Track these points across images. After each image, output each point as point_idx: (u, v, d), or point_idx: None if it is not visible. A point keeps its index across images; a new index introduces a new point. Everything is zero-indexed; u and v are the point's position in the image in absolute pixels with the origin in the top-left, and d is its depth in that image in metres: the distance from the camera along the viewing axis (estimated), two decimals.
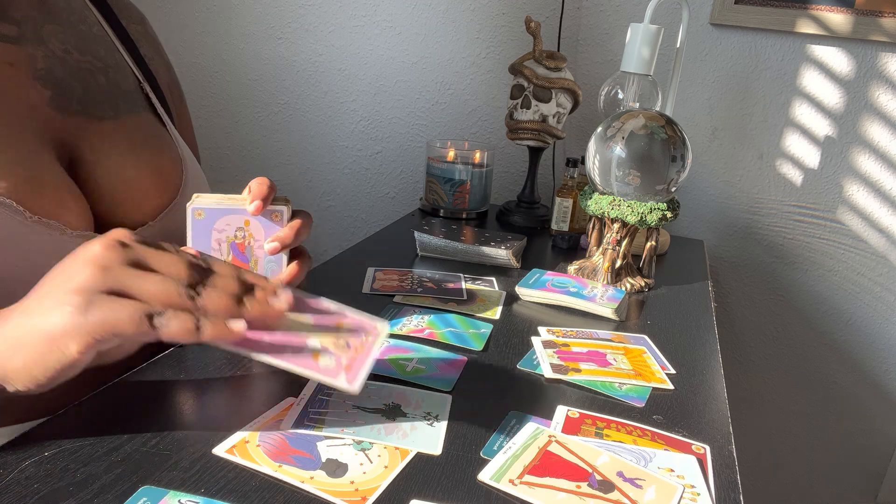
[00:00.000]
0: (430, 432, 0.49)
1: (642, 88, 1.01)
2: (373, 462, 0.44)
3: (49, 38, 0.58)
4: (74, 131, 0.58)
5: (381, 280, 0.81)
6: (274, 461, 0.43)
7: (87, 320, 0.38)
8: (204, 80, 1.50)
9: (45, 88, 0.56)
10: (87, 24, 0.64)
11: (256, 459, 0.43)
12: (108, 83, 0.63)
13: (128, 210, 0.61)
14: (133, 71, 0.68)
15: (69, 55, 0.59)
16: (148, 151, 0.64)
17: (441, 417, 0.51)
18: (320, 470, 0.43)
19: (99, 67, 0.62)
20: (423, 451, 0.46)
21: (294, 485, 0.41)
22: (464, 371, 0.59)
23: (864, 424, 1.28)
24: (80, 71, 0.60)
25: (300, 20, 1.40)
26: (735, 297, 1.29)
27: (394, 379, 0.56)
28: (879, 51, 1.10)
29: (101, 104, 0.61)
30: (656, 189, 0.83)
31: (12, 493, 0.38)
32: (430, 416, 0.51)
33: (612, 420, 0.53)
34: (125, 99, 0.65)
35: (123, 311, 0.38)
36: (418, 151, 1.41)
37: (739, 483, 0.47)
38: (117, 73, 0.65)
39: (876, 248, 1.19)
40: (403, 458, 0.45)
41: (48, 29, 0.58)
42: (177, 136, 0.70)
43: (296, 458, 0.44)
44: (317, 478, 0.42)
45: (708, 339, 0.75)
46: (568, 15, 1.24)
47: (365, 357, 0.46)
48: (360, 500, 0.41)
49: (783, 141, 1.19)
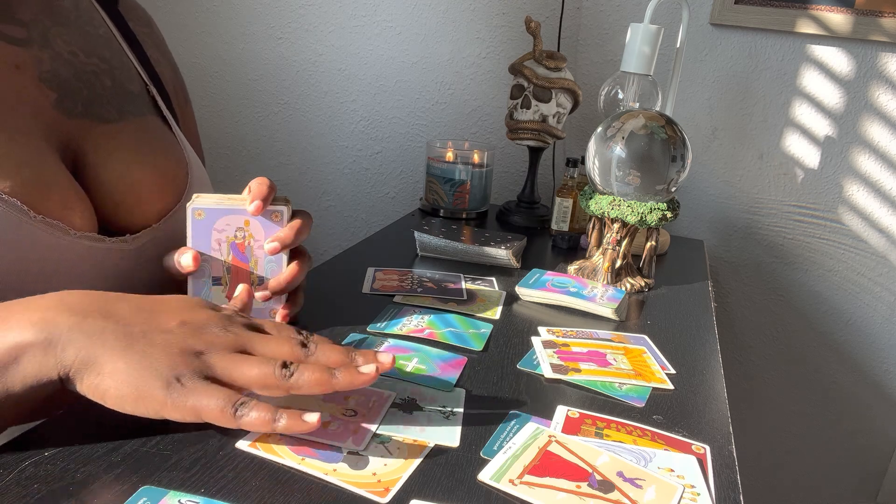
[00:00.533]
0: (447, 425, 0.50)
1: (642, 88, 1.01)
2: (393, 455, 0.46)
3: (55, 40, 0.58)
4: (79, 133, 0.58)
5: (381, 280, 0.81)
6: (297, 455, 0.44)
7: (185, 403, 0.41)
8: (204, 80, 1.50)
9: (50, 90, 0.56)
10: (94, 25, 0.64)
11: (279, 453, 0.44)
12: (113, 85, 0.63)
13: (132, 212, 0.61)
14: (139, 73, 0.68)
15: (75, 57, 0.60)
16: (153, 154, 0.64)
17: (456, 410, 0.52)
18: (343, 462, 0.44)
19: (104, 69, 0.62)
20: (441, 443, 0.47)
21: (317, 477, 0.42)
22: (463, 371, 0.59)
23: (864, 424, 1.28)
24: (86, 73, 0.60)
25: (300, 20, 1.40)
26: (735, 297, 1.29)
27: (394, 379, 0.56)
28: (879, 51, 1.10)
29: (106, 106, 0.61)
30: (656, 189, 0.83)
31: (12, 493, 0.38)
32: (445, 410, 0.52)
33: (612, 420, 0.53)
34: (130, 101, 0.65)
35: (217, 402, 0.41)
36: (418, 151, 1.41)
37: (739, 483, 0.47)
38: (123, 75, 0.65)
39: (876, 248, 1.19)
40: (422, 452, 0.46)
41: (55, 31, 0.58)
42: (182, 139, 0.70)
43: (319, 452, 0.45)
44: (340, 470, 0.43)
45: (708, 339, 0.75)
46: (568, 15, 1.24)
47: (371, 422, 0.49)
48: (383, 490, 0.42)
49: (783, 141, 1.19)
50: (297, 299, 0.66)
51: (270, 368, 0.43)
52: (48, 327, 0.41)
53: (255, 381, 0.43)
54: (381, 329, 0.67)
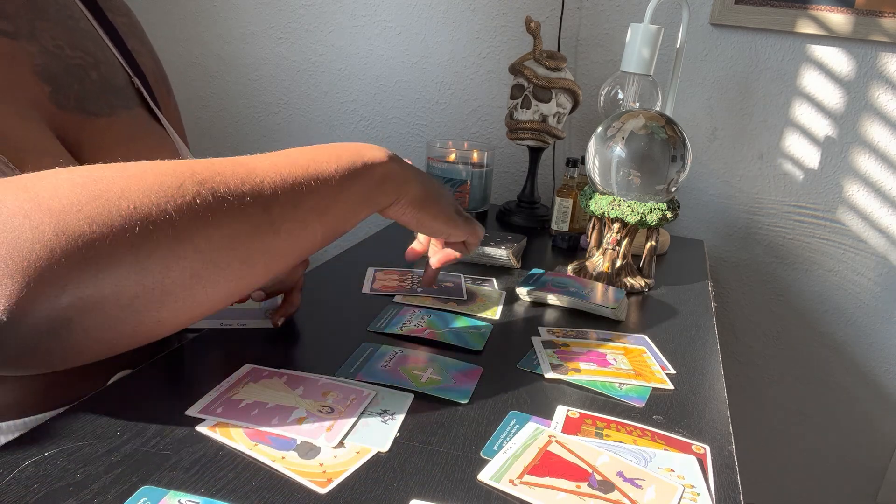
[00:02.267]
0: (383, 429, 0.49)
1: (642, 88, 1.01)
2: (346, 447, 0.46)
3: (41, 34, 0.57)
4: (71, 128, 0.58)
5: (381, 280, 0.81)
6: (250, 440, 0.45)
7: (466, 227, 0.65)
8: (204, 80, 1.50)
9: (44, 84, 0.56)
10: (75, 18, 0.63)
11: (234, 437, 0.46)
12: (100, 79, 0.62)
13: None
14: (122, 66, 0.67)
15: (61, 51, 0.59)
16: (144, 147, 0.64)
17: (397, 415, 0.51)
18: (293, 451, 0.45)
19: (91, 63, 0.61)
20: (368, 447, 0.46)
21: (265, 463, 0.43)
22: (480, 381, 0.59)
23: (864, 424, 1.28)
24: (74, 67, 0.59)
25: (300, 20, 1.40)
26: (735, 297, 1.29)
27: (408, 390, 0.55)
28: (879, 51, 1.10)
29: (95, 100, 0.61)
30: (656, 189, 0.83)
31: (12, 493, 0.38)
32: (386, 414, 0.51)
33: (612, 420, 0.53)
34: (117, 94, 0.64)
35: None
36: (418, 151, 1.41)
37: (739, 483, 0.47)
38: (108, 68, 0.64)
39: (876, 248, 1.19)
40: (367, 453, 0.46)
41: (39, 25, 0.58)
42: (171, 131, 0.70)
43: (272, 439, 0.46)
44: (288, 458, 0.44)
45: (708, 339, 0.75)
46: (568, 15, 1.24)
47: (347, 419, 0.49)
48: (325, 482, 0.42)
49: (783, 141, 1.19)
50: (293, 299, 0.65)
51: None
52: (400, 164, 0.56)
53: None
54: (381, 329, 0.67)
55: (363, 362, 0.59)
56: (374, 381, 0.55)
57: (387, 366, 0.59)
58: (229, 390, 0.52)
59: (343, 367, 0.58)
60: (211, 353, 0.59)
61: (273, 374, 0.55)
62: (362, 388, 0.54)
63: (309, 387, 0.53)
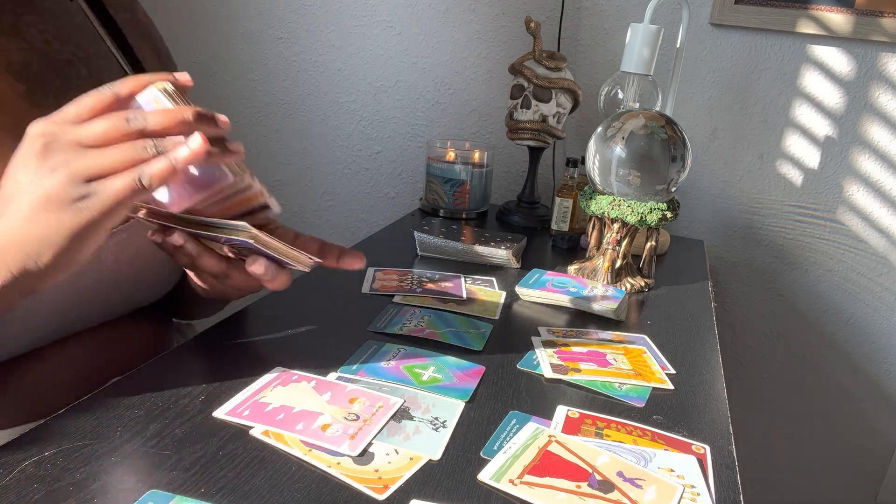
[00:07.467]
0: (434, 437, 0.49)
1: (642, 88, 1.01)
2: (399, 454, 0.46)
3: (27, 30, 0.56)
4: None
5: (381, 280, 0.81)
6: (305, 446, 0.46)
7: (90, 209, 0.41)
8: (204, 80, 1.50)
9: (18, 83, 0.55)
10: (70, 13, 0.62)
11: (289, 443, 0.46)
12: (89, 75, 0.61)
13: None
14: (119, 62, 0.66)
15: (49, 46, 0.57)
16: None
17: (448, 423, 0.51)
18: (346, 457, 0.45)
19: (81, 58, 0.60)
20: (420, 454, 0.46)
21: (321, 469, 0.43)
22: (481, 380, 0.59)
23: (864, 424, 1.28)
24: (60, 62, 0.58)
25: (300, 20, 1.40)
26: (735, 297, 1.29)
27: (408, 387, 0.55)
28: (879, 51, 1.10)
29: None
30: (656, 189, 0.83)
31: (12, 493, 0.38)
32: (437, 422, 0.51)
33: (612, 420, 0.53)
34: None
35: (115, 183, 0.41)
36: (418, 151, 1.41)
37: (739, 483, 0.47)
38: (100, 64, 0.63)
39: (876, 248, 1.19)
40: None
41: (27, 20, 0.57)
42: None
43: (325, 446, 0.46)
44: (343, 464, 0.44)
45: (708, 339, 0.75)
46: (568, 15, 1.24)
47: (371, 427, 0.49)
48: (382, 487, 0.42)
49: (783, 141, 1.19)
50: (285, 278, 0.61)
51: (133, 150, 0.42)
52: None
53: (126, 162, 0.42)
54: (382, 329, 0.67)
55: (367, 359, 0.59)
56: (375, 378, 0.56)
57: (389, 363, 0.59)
58: (258, 393, 0.52)
59: (346, 364, 0.58)
60: (209, 353, 0.59)
61: (302, 378, 0.55)
62: (389, 395, 0.53)
63: (336, 392, 0.53)
